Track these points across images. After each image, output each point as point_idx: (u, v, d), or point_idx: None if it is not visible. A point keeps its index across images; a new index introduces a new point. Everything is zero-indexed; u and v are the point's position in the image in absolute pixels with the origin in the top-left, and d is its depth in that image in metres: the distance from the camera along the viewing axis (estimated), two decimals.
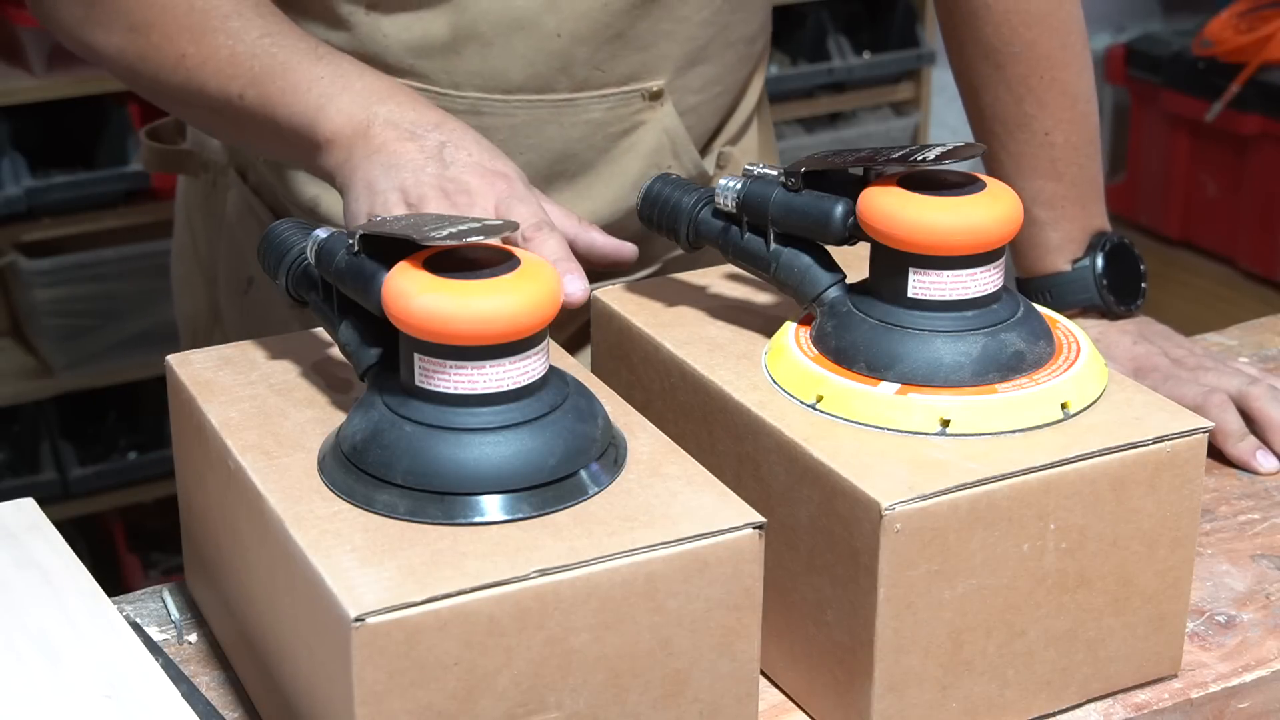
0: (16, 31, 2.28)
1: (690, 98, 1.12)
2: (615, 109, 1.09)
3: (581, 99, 1.07)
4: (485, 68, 1.05)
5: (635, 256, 0.89)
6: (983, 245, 0.79)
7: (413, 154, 0.87)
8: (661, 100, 1.10)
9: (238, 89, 0.94)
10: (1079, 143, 1.14)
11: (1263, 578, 0.93)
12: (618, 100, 1.08)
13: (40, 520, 0.84)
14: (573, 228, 0.88)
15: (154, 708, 0.70)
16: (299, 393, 0.82)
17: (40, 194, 2.29)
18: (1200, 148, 3.05)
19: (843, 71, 2.83)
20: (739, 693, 0.72)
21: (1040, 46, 1.11)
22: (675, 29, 1.09)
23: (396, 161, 0.86)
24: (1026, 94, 1.12)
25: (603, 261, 0.88)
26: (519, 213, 0.84)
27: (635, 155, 1.11)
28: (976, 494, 0.74)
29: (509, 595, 0.66)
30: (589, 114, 1.08)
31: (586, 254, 0.87)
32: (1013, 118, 1.13)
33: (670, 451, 0.76)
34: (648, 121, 1.10)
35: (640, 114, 1.10)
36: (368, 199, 0.86)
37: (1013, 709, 0.79)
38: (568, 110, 1.07)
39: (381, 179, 0.86)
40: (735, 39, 1.14)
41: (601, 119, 1.08)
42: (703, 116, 1.14)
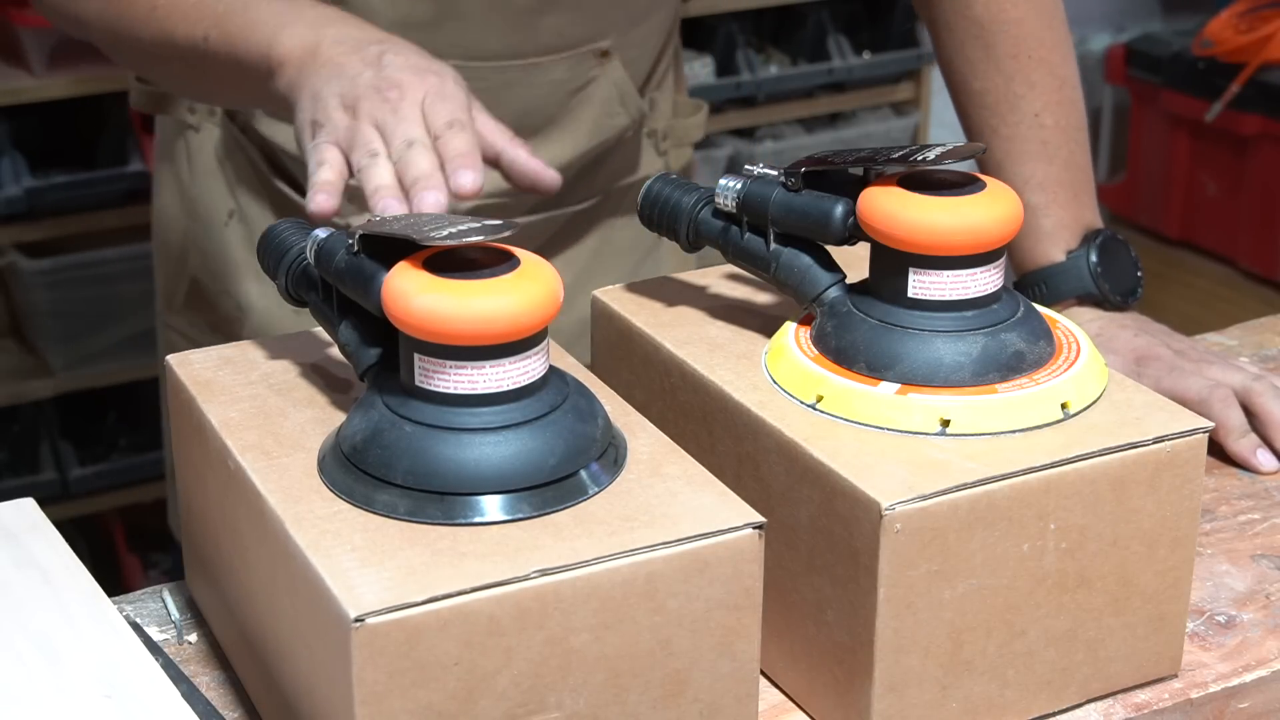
0: (16, 31, 2.28)
1: (631, 52, 1.27)
2: (573, 68, 1.22)
3: (545, 62, 1.21)
4: (464, 40, 1.17)
5: (557, 185, 0.93)
6: (983, 245, 0.79)
7: (354, 64, 0.93)
8: (610, 58, 1.24)
9: (202, 31, 1.01)
10: (1068, 127, 1.16)
11: (1263, 578, 0.93)
12: (575, 60, 1.22)
13: (40, 520, 0.84)
14: (501, 141, 0.92)
15: (154, 708, 0.70)
16: (299, 393, 0.82)
17: (40, 194, 2.29)
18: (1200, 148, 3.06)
19: (843, 71, 2.83)
20: (739, 693, 0.72)
21: (1027, 24, 1.16)
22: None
23: (339, 72, 0.93)
24: (1016, 73, 1.16)
25: (523, 182, 0.92)
26: (439, 110, 0.90)
27: (589, 105, 1.25)
28: (976, 494, 0.74)
29: (509, 595, 0.66)
30: (551, 74, 1.22)
31: (509, 170, 0.92)
32: (1004, 100, 1.16)
33: (670, 451, 0.76)
34: (599, 77, 1.25)
35: (592, 70, 1.24)
36: (310, 108, 0.92)
37: (1013, 709, 0.79)
38: (535, 72, 1.21)
39: (324, 88, 0.92)
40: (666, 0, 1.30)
41: (562, 78, 1.22)
42: (640, 67, 1.29)
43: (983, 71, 1.17)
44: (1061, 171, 1.15)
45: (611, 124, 1.27)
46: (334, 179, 0.87)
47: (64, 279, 2.35)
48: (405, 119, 0.89)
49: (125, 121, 2.35)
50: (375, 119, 0.89)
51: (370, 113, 0.89)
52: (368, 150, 0.87)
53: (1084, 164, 1.17)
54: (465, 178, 0.86)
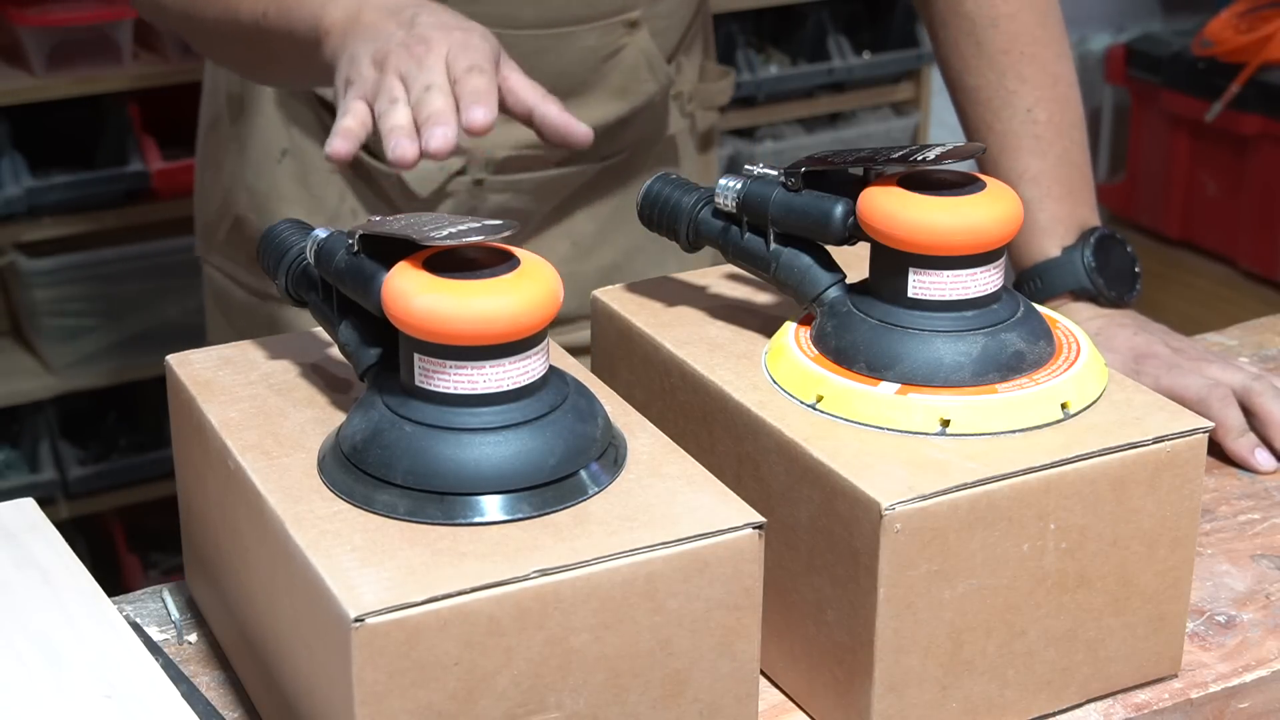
0: (16, 31, 2.28)
1: (659, 23, 1.32)
2: (603, 37, 1.27)
3: (578, 30, 1.26)
4: (500, 10, 1.22)
5: (588, 139, 0.95)
6: (983, 245, 0.79)
7: (389, 25, 0.97)
8: (638, 27, 1.29)
9: (262, 8, 1.06)
10: (1062, 123, 1.17)
11: (1263, 578, 0.93)
12: (605, 29, 1.27)
13: (40, 520, 0.84)
14: (533, 97, 0.94)
15: (154, 708, 0.70)
16: (299, 393, 0.82)
17: (40, 194, 2.29)
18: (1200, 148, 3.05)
19: (843, 71, 2.83)
20: (739, 693, 0.72)
21: (1020, 20, 1.17)
22: None
23: (374, 34, 0.96)
24: (1008, 68, 1.17)
25: (555, 137, 0.94)
26: (461, 59, 0.92)
27: (618, 72, 1.30)
28: (976, 494, 0.74)
29: (509, 595, 0.66)
30: (583, 41, 1.27)
31: (541, 125, 0.94)
32: (996, 96, 1.17)
33: (670, 451, 0.76)
34: (628, 45, 1.29)
35: (621, 39, 1.29)
36: (346, 68, 0.96)
37: (1013, 709, 0.79)
38: (566, 40, 1.26)
39: (360, 50, 0.96)
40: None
41: (593, 45, 1.27)
42: (669, 38, 1.34)
43: (975, 68, 1.18)
44: (1055, 167, 1.16)
45: (640, 89, 1.31)
46: (354, 126, 0.89)
47: (64, 279, 2.35)
48: (428, 68, 0.91)
49: (125, 121, 2.35)
50: (400, 71, 0.92)
51: (396, 66, 0.92)
52: (389, 97, 0.90)
53: (1079, 161, 1.17)
54: (476, 113, 0.88)
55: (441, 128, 0.87)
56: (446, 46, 0.93)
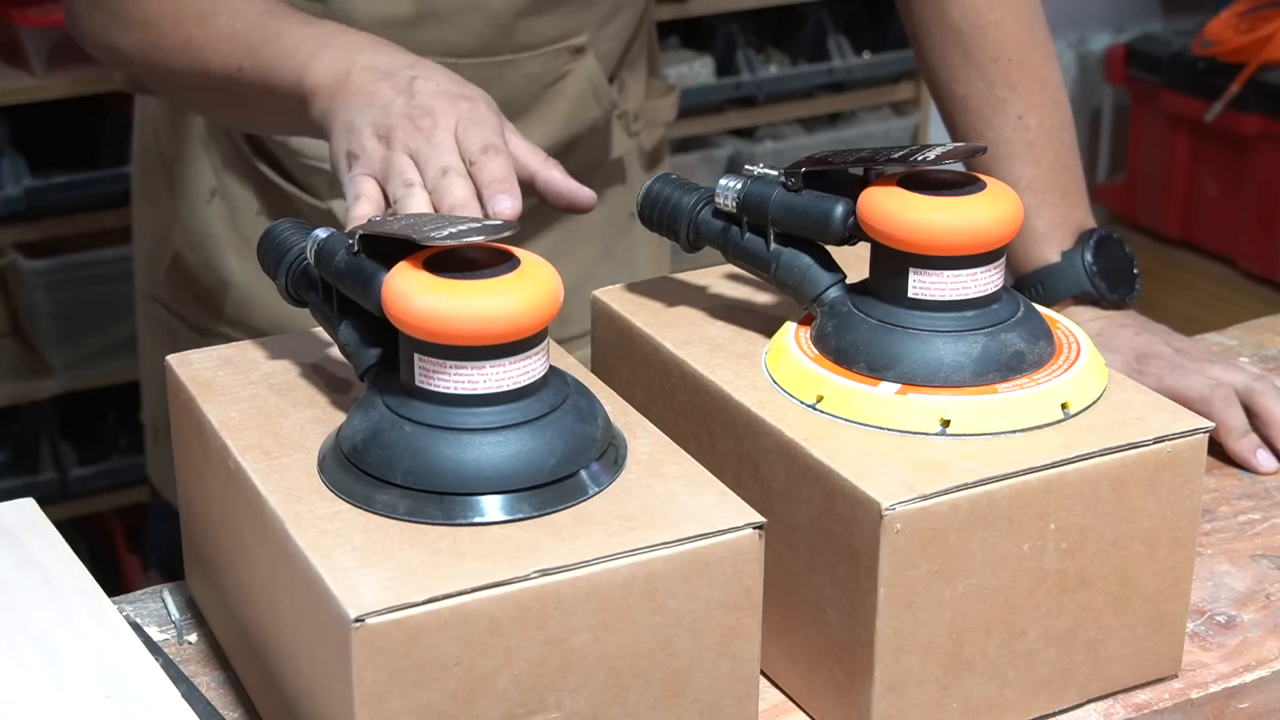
0: (16, 31, 2.28)
1: (604, 46, 1.29)
2: (547, 64, 1.25)
3: (520, 58, 1.23)
4: (442, 38, 1.19)
5: (593, 202, 0.92)
6: (983, 245, 0.79)
7: (385, 91, 0.93)
8: (584, 53, 1.27)
9: (237, 63, 1.01)
10: (1053, 128, 1.17)
11: (1263, 578, 0.93)
12: (549, 56, 1.25)
13: (40, 520, 0.84)
14: (535, 163, 0.92)
15: (154, 708, 0.70)
16: (299, 393, 0.82)
17: (40, 194, 2.29)
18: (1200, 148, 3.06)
19: (843, 71, 2.83)
20: (739, 693, 0.72)
21: (1005, 26, 1.17)
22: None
23: (371, 100, 0.92)
24: (997, 75, 1.16)
25: (559, 202, 0.92)
26: (473, 136, 0.89)
27: (563, 98, 1.27)
28: (976, 494, 0.74)
29: (509, 595, 0.66)
30: (526, 69, 1.24)
31: (544, 190, 0.92)
32: (986, 104, 1.17)
33: (670, 451, 0.76)
34: (573, 71, 1.27)
35: (566, 65, 1.26)
36: (345, 138, 0.92)
37: (1013, 709, 0.79)
38: (509, 68, 1.23)
39: (357, 118, 0.92)
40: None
41: (536, 72, 1.25)
42: (611, 59, 1.31)
43: (964, 77, 1.17)
44: (1049, 172, 1.15)
45: (584, 116, 1.28)
46: (371, 213, 0.85)
47: (64, 279, 2.35)
48: (439, 146, 0.88)
49: (125, 121, 2.35)
50: (409, 148, 0.88)
51: (404, 141, 0.89)
52: (403, 180, 0.87)
53: (1072, 164, 1.17)
54: (503, 203, 0.85)
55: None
56: (454, 119, 0.90)
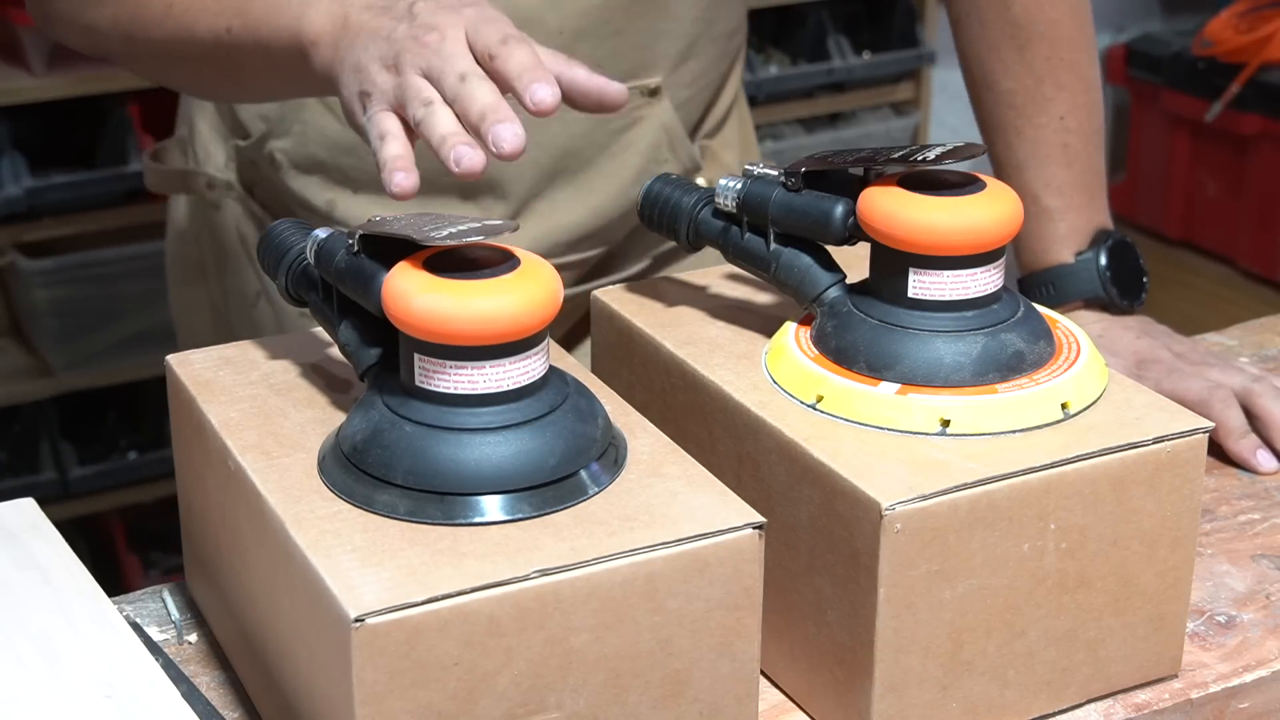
0: (16, 31, 2.28)
1: (682, 92, 1.16)
2: None
3: None
4: None
5: (623, 98, 0.85)
6: (983, 245, 0.79)
7: (386, 23, 0.86)
8: (659, 96, 1.14)
9: (224, 24, 0.95)
10: (1089, 131, 1.16)
11: (1263, 578, 0.93)
12: None
13: (40, 520, 0.84)
14: (557, 64, 0.84)
15: (154, 708, 0.70)
16: (299, 393, 0.81)
17: (40, 194, 2.29)
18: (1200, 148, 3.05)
19: (843, 71, 2.83)
20: (739, 693, 0.72)
21: (1063, 27, 1.14)
22: (671, 27, 1.12)
23: (374, 36, 0.86)
24: (1048, 75, 1.14)
25: (587, 102, 0.85)
26: (487, 32, 0.82)
27: (635, 150, 1.14)
28: (976, 494, 0.74)
29: (509, 595, 0.66)
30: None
31: (569, 92, 0.84)
32: (1033, 101, 1.15)
33: (670, 451, 0.76)
34: (647, 117, 1.14)
35: (639, 110, 1.13)
36: (355, 80, 0.85)
37: (1013, 709, 0.79)
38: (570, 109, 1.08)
39: (363, 57, 0.85)
40: (718, 34, 1.18)
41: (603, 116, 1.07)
42: (691, 110, 1.18)
43: (1014, 72, 1.15)
44: (1080, 175, 1.15)
45: (659, 171, 1.14)
46: (402, 151, 0.79)
47: (64, 279, 2.35)
48: (451, 55, 0.81)
49: (125, 121, 2.35)
50: (420, 67, 0.81)
51: (413, 63, 0.82)
52: (421, 100, 0.80)
53: (1100, 166, 1.17)
54: (541, 92, 0.78)
55: (505, 124, 0.76)
56: (461, 26, 0.83)
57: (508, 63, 0.80)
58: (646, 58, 1.12)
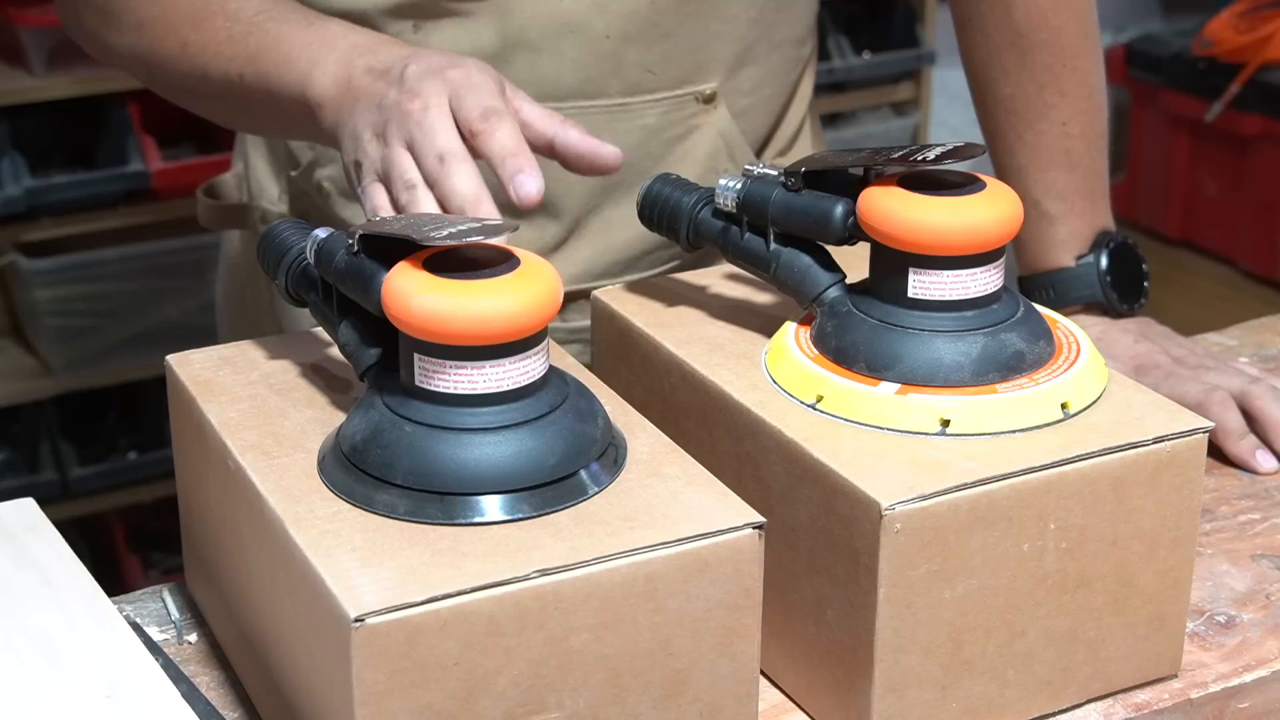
0: (16, 31, 2.28)
1: (741, 100, 1.12)
2: (669, 113, 1.08)
3: (634, 103, 1.07)
4: (536, 74, 1.04)
5: (619, 160, 0.86)
6: (983, 245, 0.79)
7: (381, 89, 0.87)
8: (715, 103, 1.10)
9: (237, 69, 0.96)
10: (1092, 135, 1.15)
11: (1263, 578, 0.93)
12: (672, 104, 1.08)
13: (40, 520, 0.84)
14: (551, 127, 0.85)
15: (154, 708, 0.70)
16: (299, 393, 0.81)
17: (40, 194, 2.29)
18: (1200, 148, 3.05)
19: (843, 71, 2.83)
20: (739, 693, 0.72)
21: (1066, 33, 1.13)
22: (724, 29, 1.09)
23: (369, 103, 0.87)
24: (1050, 82, 1.13)
25: (580, 164, 0.85)
26: (469, 104, 0.83)
27: (692, 161, 1.10)
28: (976, 494, 0.74)
29: (509, 595, 0.66)
30: (643, 119, 1.07)
31: (564, 155, 0.85)
32: (1033, 107, 1.14)
33: (670, 451, 0.76)
34: (702, 126, 1.10)
35: (695, 118, 1.09)
36: (352, 148, 0.87)
37: (1013, 709, 0.79)
38: (621, 116, 1.07)
39: (358, 124, 0.87)
40: (781, 39, 1.14)
41: (656, 124, 1.08)
42: (754, 121, 1.14)
43: (1016, 78, 1.14)
44: (1081, 180, 1.14)
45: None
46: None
47: (64, 279, 2.35)
48: (432, 129, 0.82)
49: (125, 121, 2.35)
50: (404, 139, 0.83)
51: (398, 134, 0.83)
52: (404, 183, 0.82)
53: (1102, 170, 1.16)
54: (526, 187, 0.79)
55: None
56: (445, 94, 0.83)
57: (489, 143, 0.81)
58: (700, 61, 1.08)
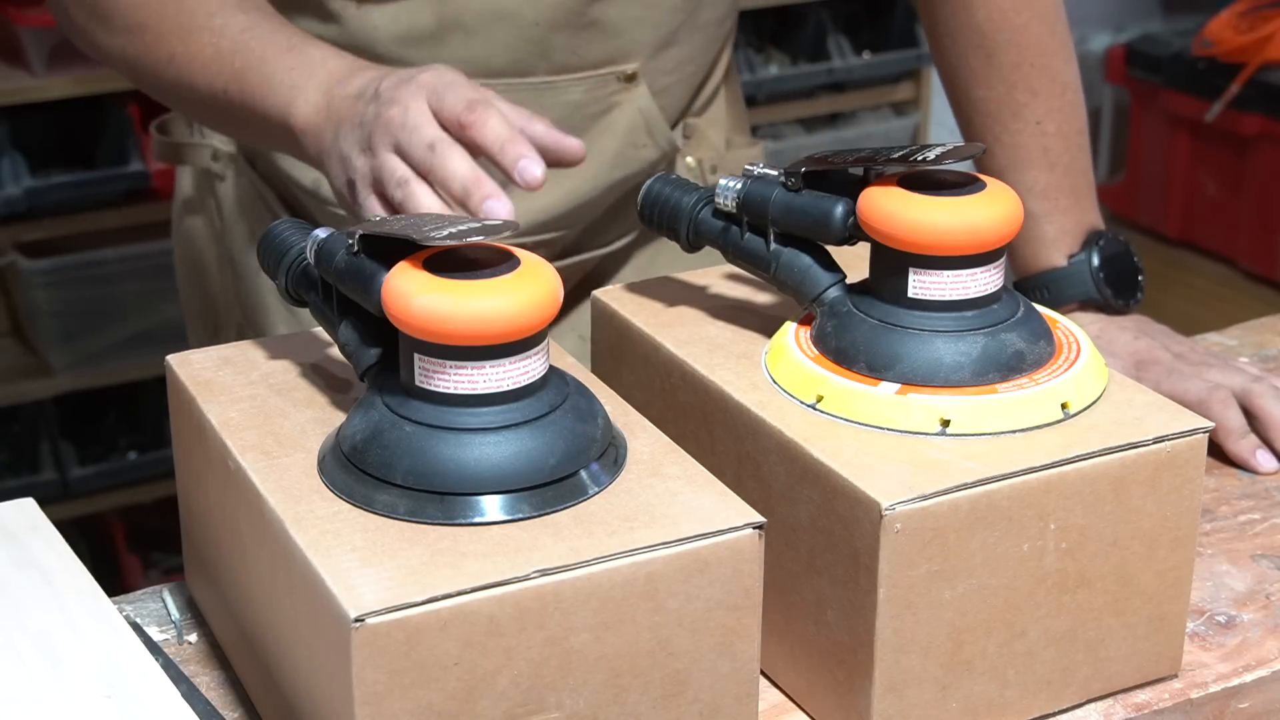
0: (16, 31, 2.28)
1: (663, 79, 1.18)
2: (592, 91, 1.15)
3: (560, 81, 1.13)
4: (469, 54, 1.10)
5: (581, 152, 0.89)
6: (983, 245, 0.79)
7: (359, 109, 0.91)
8: (636, 82, 1.16)
9: (222, 85, 0.99)
10: (1070, 133, 1.16)
11: (1263, 578, 0.93)
12: (594, 83, 1.15)
13: (40, 520, 0.84)
14: (520, 119, 0.88)
15: (154, 708, 0.70)
16: (299, 393, 0.82)
17: (40, 194, 2.29)
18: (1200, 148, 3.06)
19: (843, 71, 2.83)
20: (739, 693, 0.72)
21: (1030, 32, 1.14)
22: (646, 15, 1.14)
23: (351, 125, 0.91)
24: (1019, 81, 1.14)
25: (546, 155, 0.87)
26: (450, 98, 0.86)
27: (612, 134, 1.17)
28: (976, 494, 0.74)
29: (509, 595, 0.66)
30: (567, 95, 1.14)
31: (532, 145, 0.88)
32: (1006, 108, 1.15)
33: (670, 451, 0.76)
34: (623, 102, 1.16)
35: (616, 95, 1.16)
36: (340, 170, 0.91)
37: (1013, 709, 0.79)
38: (547, 92, 1.13)
39: (344, 146, 0.91)
40: (704, 21, 1.20)
41: (579, 100, 1.14)
42: (675, 96, 1.20)
43: (985, 80, 1.15)
44: (1063, 178, 1.15)
45: (637, 156, 1.19)
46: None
47: (64, 279, 2.36)
48: (415, 127, 0.85)
49: (125, 121, 2.35)
50: (390, 144, 0.86)
51: (383, 141, 0.87)
52: (395, 181, 0.84)
53: (1085, 168, 1.17)
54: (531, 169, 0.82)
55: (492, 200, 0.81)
56: (422, 95, 0.87)
57: (483, 133, 0.84)
58: (623, 45, 1.14)
